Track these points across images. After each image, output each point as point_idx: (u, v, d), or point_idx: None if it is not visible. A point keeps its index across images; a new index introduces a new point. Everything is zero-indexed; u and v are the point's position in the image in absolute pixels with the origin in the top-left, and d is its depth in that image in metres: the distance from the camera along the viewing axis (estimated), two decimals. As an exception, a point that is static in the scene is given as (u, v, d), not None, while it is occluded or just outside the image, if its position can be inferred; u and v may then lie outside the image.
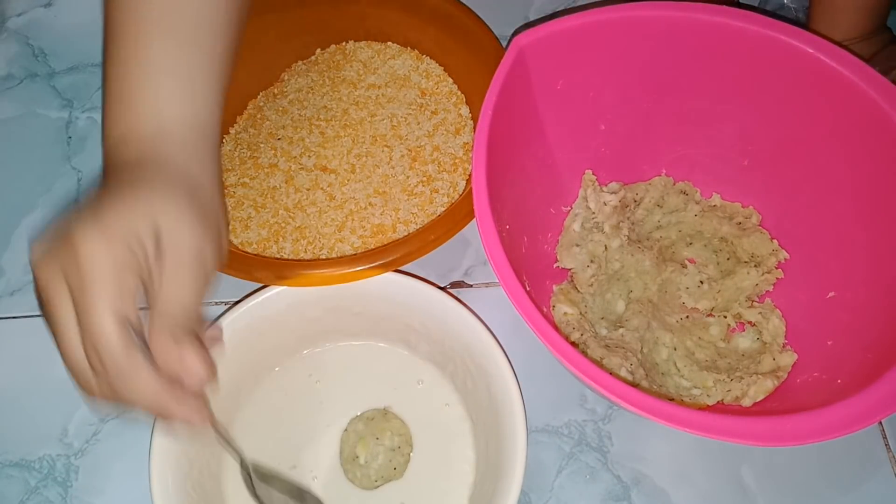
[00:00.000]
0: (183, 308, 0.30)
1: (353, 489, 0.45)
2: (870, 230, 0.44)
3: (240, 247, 0.51)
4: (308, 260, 0.50)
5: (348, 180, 0.52)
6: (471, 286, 0.53)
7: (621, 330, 0.48)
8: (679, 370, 0.47)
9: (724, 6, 0.44)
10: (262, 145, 0.54)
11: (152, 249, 0.30)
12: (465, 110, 0.56)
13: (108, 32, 0.35)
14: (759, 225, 0.52)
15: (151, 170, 0.32)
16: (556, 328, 0.41)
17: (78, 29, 0.65)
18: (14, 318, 0.53)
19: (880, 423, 0.48)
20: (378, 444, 0.45)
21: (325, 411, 0.47)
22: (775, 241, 0.51)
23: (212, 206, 0.34)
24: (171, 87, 0.34)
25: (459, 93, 0.57)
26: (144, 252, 0.30)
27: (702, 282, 0.50)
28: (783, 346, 0.48)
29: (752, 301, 0.50)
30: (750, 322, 0.50)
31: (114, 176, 0.33)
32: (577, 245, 0.51)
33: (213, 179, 0.35)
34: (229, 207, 0.52)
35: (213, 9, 0.36)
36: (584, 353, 0.45)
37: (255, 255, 0.50)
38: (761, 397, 0.46)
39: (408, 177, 0.53)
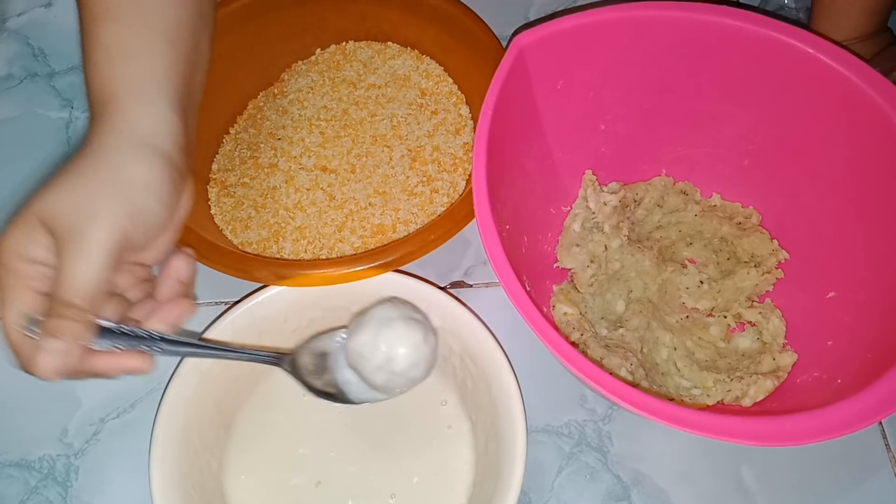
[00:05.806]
0: (66, 289, 0.33)
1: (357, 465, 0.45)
2: (870, 230, 0.44)
3: (240, 247, 0.51)
4: (308, 260, 0.50)
5: (348, 180, 0.52)
6: (471, 286, 0.53)
7: (621, 330, 0.48)
8: (679, 370, 0.47)
9: (724, 6, 0.44)
10: (262, 145, 0.54)
11: (48, 243, 0.34)
12: (465, 110, 0.56)
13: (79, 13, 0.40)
14: (759, 225, 0.52)
15: (82, 155, 0.38)
16: (556, 328, 0.41)
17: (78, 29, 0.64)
18: (14, 318, 0.52)
19: (880, 423, 0.48)
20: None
21: (324, 411, 0.47)
22: (775, 241, 0.51)
23: (127, 162, 0.37)
24: (122, 63, 0.38)
25: (459, 93, 0.57)
26: (34, 257, 0.34)
27: (702, 282, 0.50)
28: (783, 346, 0.48)
29: (752, 301, 0.50)
30: (750, 322, 0.50)
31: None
32: (577, 245, 0.51)
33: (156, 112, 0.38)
34: (229, 207, 0.52)
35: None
36: (584, 353, 0.45)
37: (255, 255, 0.50)
38: (761, 397, 0.46)
39: (408, 177, 0.53)
